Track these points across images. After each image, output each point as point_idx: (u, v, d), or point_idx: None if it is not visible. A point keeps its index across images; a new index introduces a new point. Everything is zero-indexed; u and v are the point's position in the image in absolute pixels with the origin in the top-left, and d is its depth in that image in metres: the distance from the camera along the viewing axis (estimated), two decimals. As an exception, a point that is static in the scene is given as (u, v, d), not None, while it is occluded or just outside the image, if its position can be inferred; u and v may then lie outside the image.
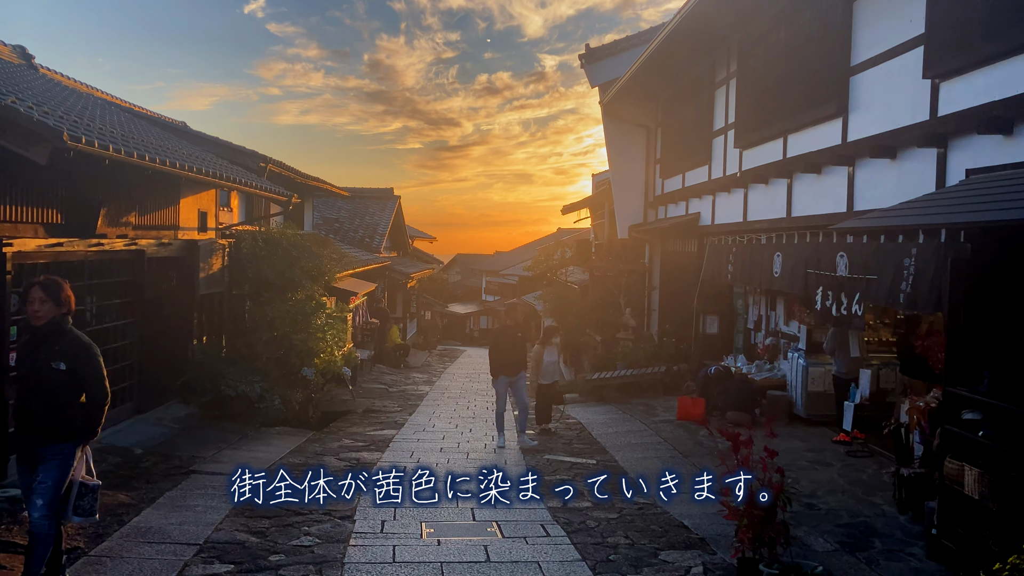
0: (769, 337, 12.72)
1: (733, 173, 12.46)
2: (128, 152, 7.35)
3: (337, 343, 12.70)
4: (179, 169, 8.63)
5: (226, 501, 6.97)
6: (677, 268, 16.48)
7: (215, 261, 12.06)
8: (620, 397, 14.45)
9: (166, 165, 8.22)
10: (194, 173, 9.11)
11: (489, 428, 11.85)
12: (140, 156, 7.62)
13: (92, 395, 4.85)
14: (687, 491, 5.95)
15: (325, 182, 19.59)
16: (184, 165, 8.86)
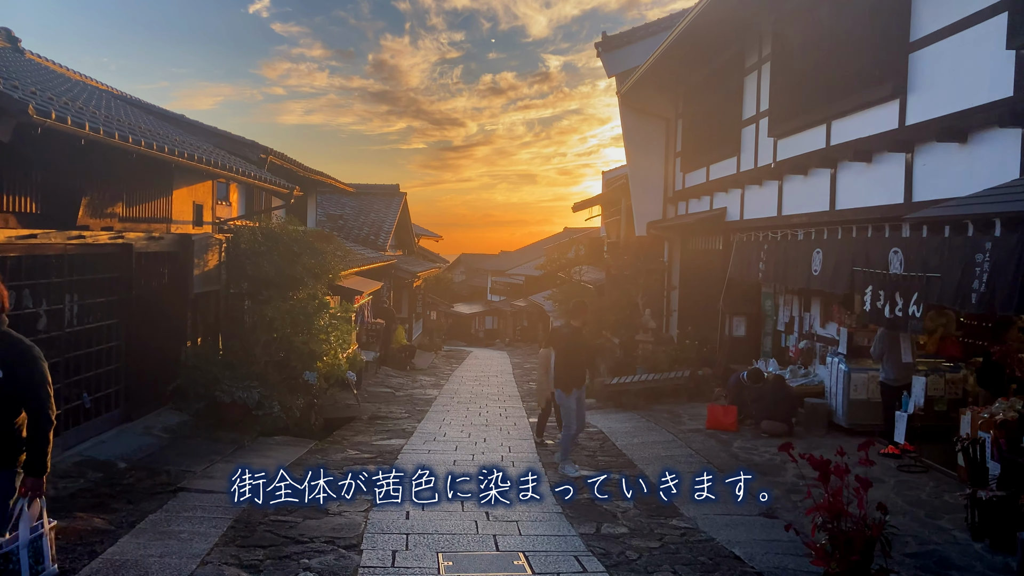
0: (803, 340, 11.88)
1: (766, 164, 11.62)
2: (108, 132, 6.54)
3: (341, 345, 11.88)
4: (168, 154, 7.82)
5: (216, 525, 6.16)
6: (699, 267, 15.65)
7: (211, 257, 11.25)
8: (641, 403, 13.61)
9: (152, 149, 7.41)
10: (186, 159, 8.30)
11: (505, 437, 11.03)
12: (123, 137, 6.81)
13: (34, 410, 3.98)
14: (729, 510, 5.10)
15: (329, 176, 18.79)
16: (174, 150, 8.05)
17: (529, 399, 15.95)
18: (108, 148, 6.92)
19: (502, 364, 26.30)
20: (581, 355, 8.90)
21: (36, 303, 7.43)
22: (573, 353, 8.66)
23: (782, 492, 7.99)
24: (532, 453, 9.83)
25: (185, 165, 8.51)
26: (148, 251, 9.58)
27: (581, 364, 8.87)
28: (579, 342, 8.83)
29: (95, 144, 6.64)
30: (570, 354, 8.63)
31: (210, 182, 12.06)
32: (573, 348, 8.68)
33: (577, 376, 8.66)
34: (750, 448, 9.84)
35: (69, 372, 7.96)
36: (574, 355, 8.68)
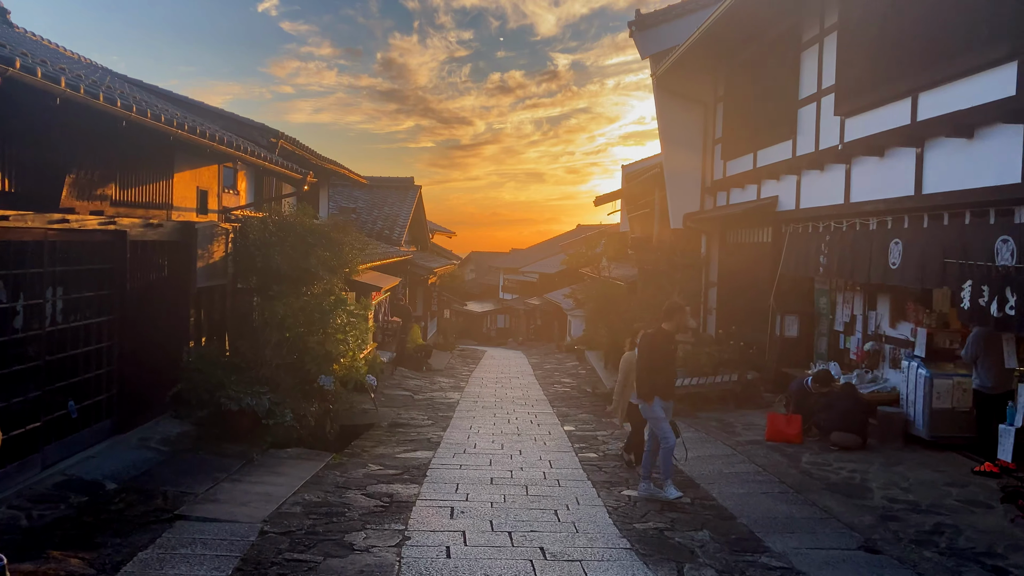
0: (869, 342, 10.72)
1: (831, 147, 10.47)
2: (91, 92, 5.45)
3: (359, 346, 10.79)
4: (164, 124, 6.73)
5: (220, 566, 5.07)
6: (742, 262, 14.51)
7: (216, 248, 10.17)
8: (685, 410, 12.45)
9: (146, 117, 6.32)
10: (186, 132, 7.22)
11: (542, 449, 9.91)
12: (109, 100, 5.72)
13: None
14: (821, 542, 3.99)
15: (343, 166, 17.71)
16: (172, 120, 6.97)
17: (559, 403, 14.84)
18: (93, 115, 5.84)
19: (521, 365, 25.19)
20: (673, 363, 7.81)
21: (11, 297, 6.36)
22: (664, 360, 7.54)
23: (875, 519, 6.85)
24: (577, 468, 8.71)
25: (185, 140, 7.42)
26: (145, 240, 8.50)
27: (672, 373, 7.76)
28: (671, 349, 7.69)
29: (76, 109, 5.56)
30: (661, 361, 7.50)
31: (216, 166, 10.99)
32: (664, 355, 7.56)
33: (666, 385, 7.55)
34: (822, 464, 8.71)
35: (51, 377, 6.89)
36: (665, 363, 7.55)
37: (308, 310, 9.76)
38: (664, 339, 7.59)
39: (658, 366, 7.44)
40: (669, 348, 7.62)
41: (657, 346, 7.52)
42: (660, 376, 7.46)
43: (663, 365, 7.52)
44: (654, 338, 7.60)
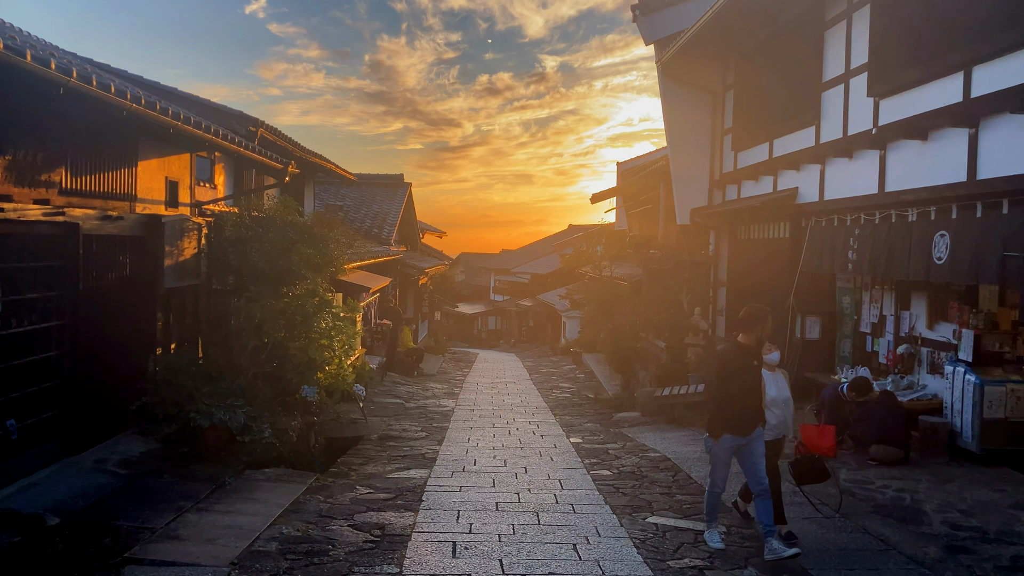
0: (903, 344, 9.83)
1: (863, 130, 9.57)
2: (14, 49, 4.46)
3: (345, 351, 9.80)
4: (114, 96, 5.75)
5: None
6: (755, 259, 13.60)
7: (187, 245, 9.18)
8: (698, 418, 11.54)
9: (90, 84, 5.32)
10: (141, 107, 6.23)
11: (549, 465, 8.96)
12: (39, 61, 4.73)
13: None
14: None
15: (328, 160, 16.69)
16: (125, 93, 5.97)
17: (561, 411, 13.90)
18: (24, 81, 4.86)
19: (515, 368, 24.24)
20: (754, 390, 6.07)
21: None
22: (741, 385, 5.93)
23: (941, 551, 5.95)
24: (591, 489, 7.76)
25: (141, 117, 6.42)
26: (102, 234, 7.50)
27: (749, 399, 6.02)
28: (751, 370, 6.04)
29: (2, 73, 4.58)
30: (736, 386, 5.92)
31: (188, 155, 10.00)
32: (741, 379, 5.95)
33: (739, 416, 5.96)
34: (863, 481, 7.82)
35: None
36: (742, 389, 5.94)
37: (289, 313, 8.78)
38: (741, 357, 6.01)
39: (732, 392, 5.89)
40: (748, 369, 6.00)
41: (731, 366, 5.97)
42: (734, 405, 5.92)
43: (739, 391, 5.91)
44: (727, 356, 6.11)
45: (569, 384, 18.44)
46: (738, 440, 5.99)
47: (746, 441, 6.00)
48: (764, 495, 5.94)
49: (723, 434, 5.96)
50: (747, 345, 6.06)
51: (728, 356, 6.11)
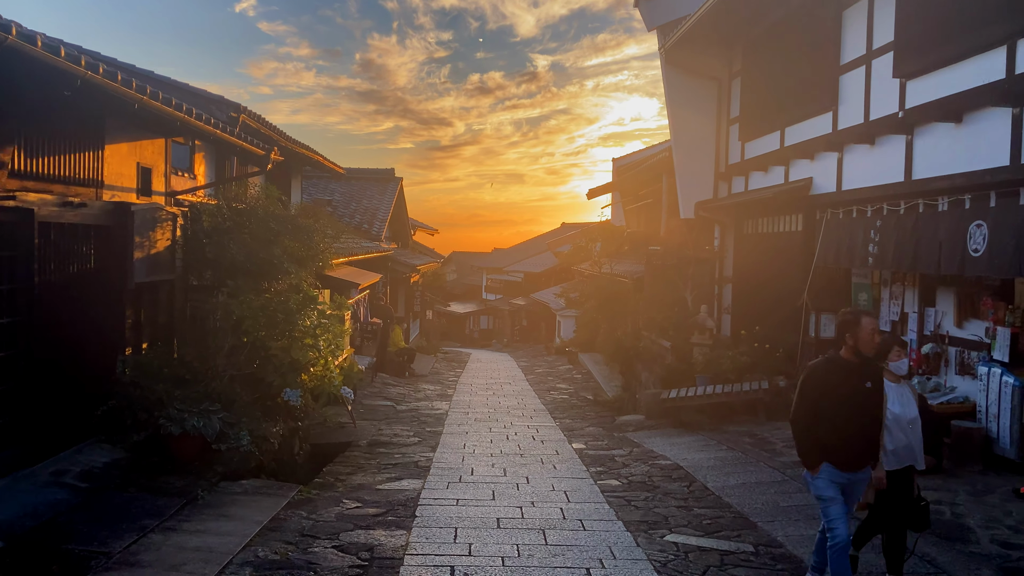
0: (928, 343, 9.20)
1: (887, 115, 8.95)
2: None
3: (332, 351, 9.11)
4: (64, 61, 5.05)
5: None
6: (764, 254, 12.98)
7: (161, 236, 8.48)
8: (707, 422, 10.94)
9: (35, 45, 4.63)
10: (99, 77, 5.53)
11: (552, 475, 8.28)
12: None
13: None
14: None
15: (315, 152, 15.97)
16: (79, 59, 5.27)
17: (560, 414, 13.24)
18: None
19: (510, 368, 23.57)
20: (866, 413, 4.70)
21: None
22: (838, 407, 4.62)
23: (994, 573, 5.31)
24: (600, 502, 7.10)
25: (99, 87, 5.71)
26: (62, 222, 6.80)
27: (859, 427, 4.67)
28: (860, 390, 4.68)
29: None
30: (834, 408, 4.63)
31: (162, 140, 9.31)
32: (842, 399, 4.63)
33: (846, 447, 4.67)
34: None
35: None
36: (846, 411, 4.62)
37: (270, 310, 8.08)
38: (837, 373, 4.69)
39: (828, 415, 4.62)
40: (850, 391, 4.64)
41: (827, 383, 4.67)
42: (833, 432, 4.62)
43: (836, 415, 4.61)
44: (814, 373, 4.79)
45: (566, 385, 17.79)
46: (843, 476, 4.70)
47: (848, 480, 4.73)
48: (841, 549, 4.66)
49: (822, 463, 4.68)
50: (849, 360, 4.70)
51: (816, 373, 4.76)
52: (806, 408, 4.71)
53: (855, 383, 4.66)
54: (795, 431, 4.87)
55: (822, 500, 4.77)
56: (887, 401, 4.89)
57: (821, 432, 4.66)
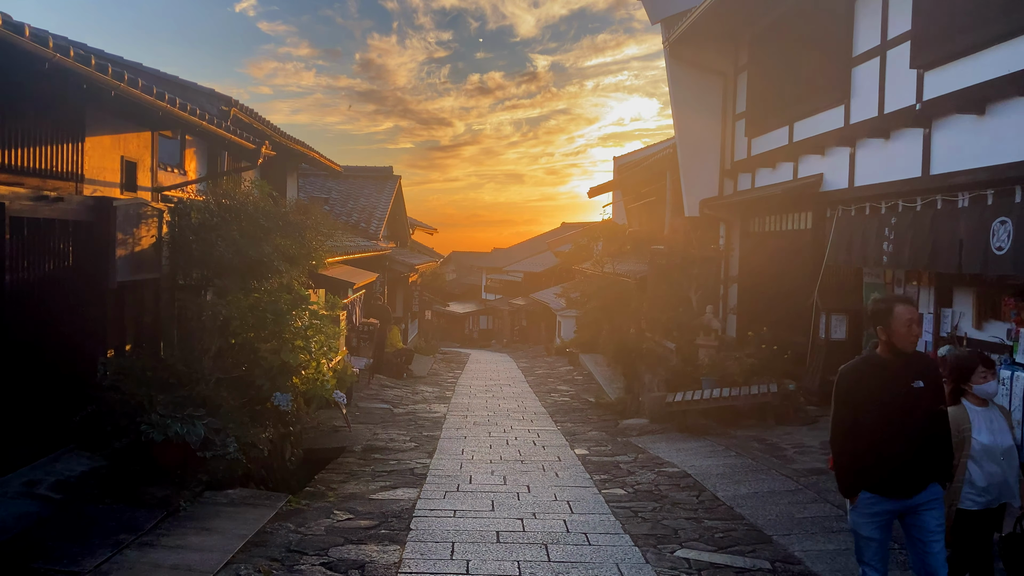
0: (945, 345, 8.83)
1: (903, 107, 8.59)
2: None
3: (324, 353, 8.75)
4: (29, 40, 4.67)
5: None
6: (771, 253, 12.62)
7: (146, 233, 8.11)
8: (713, 426, 10.57)
9: None
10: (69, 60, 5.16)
11: (554, 483, 7.91)
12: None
13: None
14: None
15: (311, 148, 15.60)
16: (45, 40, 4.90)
17: (561, 417, 12.87)
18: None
19: (509, 369, 23.20)
20: (916, 416, 3.88)
21: None
22: (890, 412, 3.86)
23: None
24: (606, 513, 6.73)
25: (69, 70, 5.34)
26: (37, 217, 6.44)
27: (913, 440, 3.86)
28: (906, 393, 3.88)
29: None
30: (878, 415, 3.87)
31: (148, 134, 8.96)
32: (890, 403, 3.87)
33: (903, 467, 3.86)
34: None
35: None
36: (894, 416, 3.86)
37: (259, 310, 7.72)
38: (876, 374, 3.92)
39: (866, 427, 3.85)
40: (894, 394, 3.86)
41: (863, 388, 3.90)
42: (874, 446, 3.85)
43: (876, 426, 3.84)
44: (855, 374, 3.97)
45: (567, 387, 17.41)
46: (889, 504, 3.88)
47: (904, 507, 3.90)
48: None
49: (860, 491, 3.92)
50: (887, 359, 3.93)
51: (849, 377, 3.97)
52: (840, 421, 3.95)
53: (898, 386, 3.85)
54: (832, 450, 4.07)
55: (857, 538, 4.00)
56: (972, 429, 4.16)
57: (858, 449, 3.86)
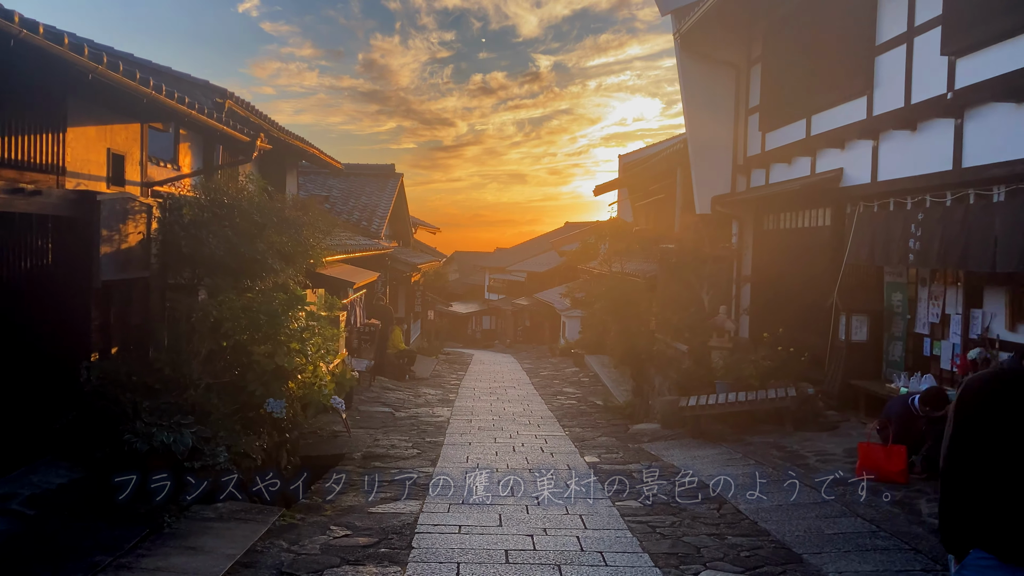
0: (976, 348, 8.39)
1: (933, 96, 8.15)
2: None
3: (322, 356, 8.31)
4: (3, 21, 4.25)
5: None
6: (786, 251, 12.19)
7: (133, 230, 7.69)
8: (728, 432, 10.12)
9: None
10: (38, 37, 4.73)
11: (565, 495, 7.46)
12: None
13: None
14: None
15: (311, 145, 15.19)
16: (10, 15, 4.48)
17: (569, 422, 12.44)
18: None
19: (514, 371, 22.78)
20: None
21: None
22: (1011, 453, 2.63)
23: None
24: (622, 528, 6.29)
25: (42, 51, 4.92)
26: (12, 211, 6.01)
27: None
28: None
29: None
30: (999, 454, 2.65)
31: (137, 126, 8.55)
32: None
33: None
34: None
35: None
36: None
37: (252, 311, 7.29)
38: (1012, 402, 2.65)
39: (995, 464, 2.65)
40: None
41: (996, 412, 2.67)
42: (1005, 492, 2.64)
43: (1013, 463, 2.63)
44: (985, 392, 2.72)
45: (574, 389, 16.98)
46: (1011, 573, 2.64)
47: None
48: None
49: (971, 548, 2.71)
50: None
51: (976, 396, 2.74)
52: (957, 450, 2.77)
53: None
54: (941, 487, 2.83)
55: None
56: None
57: (978, 492, 2.72)
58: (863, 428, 9.45)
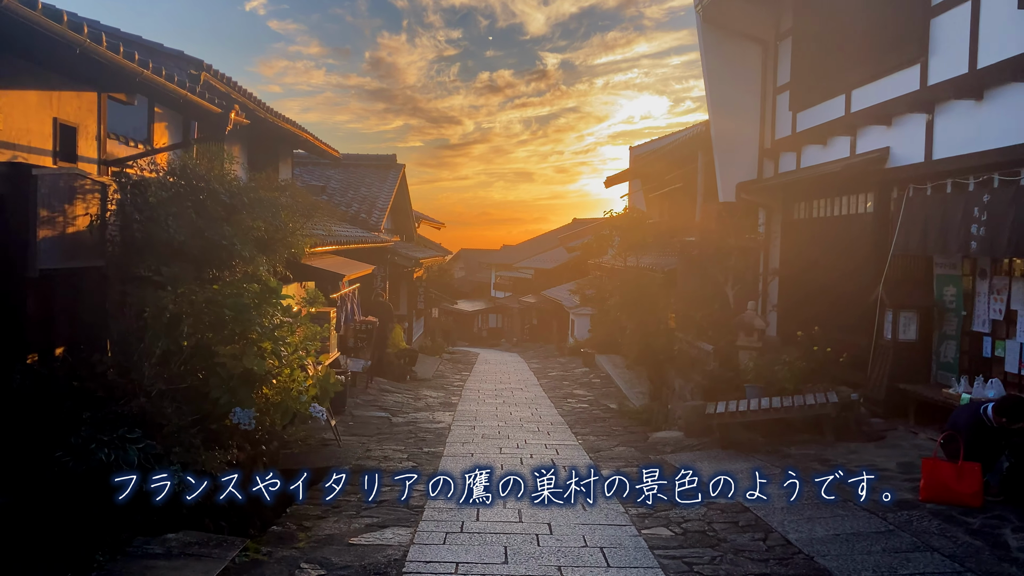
0: (1050, 348, 7.31)
1: (1004, 59, 7.06)
2: None
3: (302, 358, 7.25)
4: None
5: None
6: (819, 240, 11.12)
7: (82, 212, 6.66)
8: (761, 442, 9.05)
9: None
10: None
11: (580, 519, 6.40)
12: None
13: None
14: None
15: (305, 130, 14.15)
16: None
17: (581, 429, 11.37)
18: None
19: (520, 371, 21.72)
20: None
21: None
22: None
23: None
24: (653, 568, 5.21)
25: None
26: (-85, 184, 4.98)
27: None
28: None
29: None
30: None
31: (94, 95, 7.49)
32: None
33: None
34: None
35: None
36: None
37: (217, 305, 6.24)
38: None
39: None
40: None
41: None
42: None
43: None
44: None
45: (585, 391, 15.92)
46: None
47: None
48: None
49: None
50: None
51: None
52: None
53: None
54: None
55: None
56: None
57: None
58: (914, 438, 8.40)
